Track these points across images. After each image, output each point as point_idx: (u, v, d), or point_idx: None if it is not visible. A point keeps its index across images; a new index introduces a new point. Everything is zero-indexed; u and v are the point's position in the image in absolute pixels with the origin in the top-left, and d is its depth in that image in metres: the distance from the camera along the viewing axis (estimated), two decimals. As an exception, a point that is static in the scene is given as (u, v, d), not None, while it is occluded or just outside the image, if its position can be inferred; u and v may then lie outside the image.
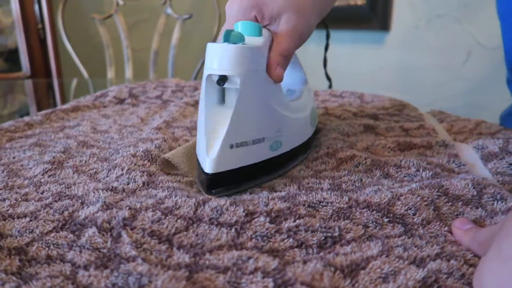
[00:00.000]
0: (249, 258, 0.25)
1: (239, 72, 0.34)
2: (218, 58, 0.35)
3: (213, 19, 1.37)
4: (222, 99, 0.38)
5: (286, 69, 0.40)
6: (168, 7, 1.38)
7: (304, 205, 0.31)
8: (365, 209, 0.31)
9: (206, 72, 0.36)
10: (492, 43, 1.11)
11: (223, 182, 0.35)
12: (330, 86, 0.78)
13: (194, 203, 0.31)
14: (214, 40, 1.35)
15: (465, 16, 1.15)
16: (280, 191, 0.36)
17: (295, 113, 0.43)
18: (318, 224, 0.29)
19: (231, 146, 0.35)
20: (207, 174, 0.35)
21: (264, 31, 0.39)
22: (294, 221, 0.30)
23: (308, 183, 0.38)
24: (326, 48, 0.71)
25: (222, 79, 0.35)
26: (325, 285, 0.23)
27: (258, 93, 0.37)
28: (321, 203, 0.32)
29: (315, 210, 0.31)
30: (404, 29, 1.29)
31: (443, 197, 0.33)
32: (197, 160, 0.38)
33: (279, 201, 0.32)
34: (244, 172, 0.36)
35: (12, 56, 1.51)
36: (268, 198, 0.32)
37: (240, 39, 0.35)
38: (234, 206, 0.31)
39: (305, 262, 0.25)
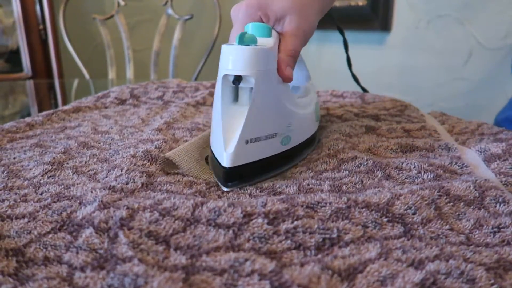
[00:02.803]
0: (246, 260, 0.25)
1: (253, 72, 0.37)
2: (233, 59, 0.37)
3: (214, 20, 1.37)
4: (236, 98, 0.40)
5: (294, 68, 0.42)
6: (169, 8, 1.38)
7: (302, 206, 0.31)
8: (364, 209, 0.31)
9: (221, 72, 0.38)
10: (493, 43, 1.11)
11: (238, 176, 0.38)
12: (360, 86, 0.73)
13: (192, 204, 0.31)
14: (215, 40, 1.35)
15: (466, 17, 1.15)
16: (280, 193, 0.36)
17: (302, 109, 0.46)
18: (316, 226, 0.29)
19: (247, 142, 0.37)
20: (224, 168, 0.37)
21: (273, 31, 0.41)
22: (292, 222, 0.29)
23: (308, 184, 0.38)
24: (346, 48, 0.68)
25: (237, 79, 0.37)
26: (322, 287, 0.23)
27: (270, 91, 0.39)
28: (319, 204, 0.31)
29: (314, 211, 0.31)
30: (405, 29, 1.29)
31: (444, 197, 0.33)
32: (213, 156, 0.40)
33: (278, 202, 0.32)
34: (258, 165, 0.39)
35: (13, 56, 1.51)
36: (267, 199, 0.32)
37: (253, 40, 0.38)
38: (232, 208, 0.31)
39: (302, 265, 0.25)
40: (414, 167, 0.40)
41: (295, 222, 0.29)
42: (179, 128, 0.57)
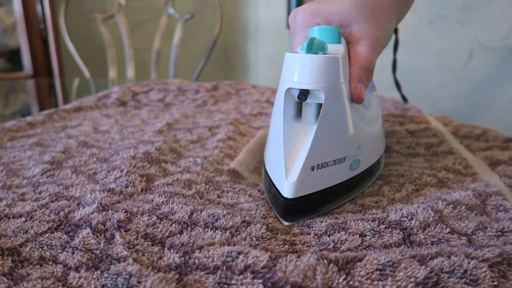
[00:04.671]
0: (239, 253, 0.25)
1: (323, 86, 0.31)
2: (300, 70, 0.32)
3: (215, 20, 1.37)
4: (299, 114, 0.34)
5: (368, 85, 0.35)
6: (170, 7, 1.38)
7: (297, 224, 0.32)
8: (359, 220, 0.31)
9: (284, 85, 0.32)
10: (494, 43, 1.10)
11: (302, 207, 0.33)
12: (401, 94, 0.69)
13: (191, 209, 0.31)
14: (216, 40, 1.35)
15: (467, 17, 1.15)
16: None
17: (371, 126, 0.40)
18: (314, 242, 0.29)
19: (312, 168, 0.32)
20: (285, 199, 0.31)
21: (342, 38, 0.35)
22: (290, 238, 0.30)
23: None
24: (396, 48, 0.62)
25: (304, 94, 0.31)
26: (317, 283, 0.22)
27: (341, 108, 0.33)
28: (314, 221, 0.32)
29: (309, 227, 0.31)
30: (406, 30, 1.29)
31: (443, 201, 0.33)
32: (271, 182, 0.34)
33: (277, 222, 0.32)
34: (324, 195, 0.34)
35: (14, 56, 1.51)
36: (267, 213, 0.33)
37: (322, 48, 0.32)
38: (231, 215, 0.31)
39: (298, 256, 0.24)
40: (417, 172, 0.40)
41: (293, 237, 0.30)
42: (180, 128, 0.57)
